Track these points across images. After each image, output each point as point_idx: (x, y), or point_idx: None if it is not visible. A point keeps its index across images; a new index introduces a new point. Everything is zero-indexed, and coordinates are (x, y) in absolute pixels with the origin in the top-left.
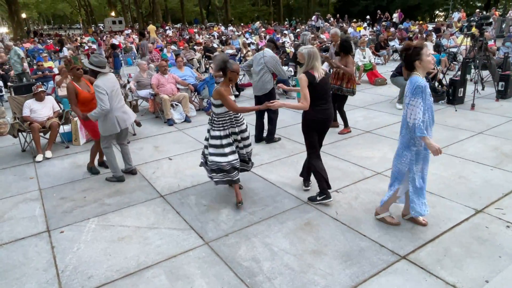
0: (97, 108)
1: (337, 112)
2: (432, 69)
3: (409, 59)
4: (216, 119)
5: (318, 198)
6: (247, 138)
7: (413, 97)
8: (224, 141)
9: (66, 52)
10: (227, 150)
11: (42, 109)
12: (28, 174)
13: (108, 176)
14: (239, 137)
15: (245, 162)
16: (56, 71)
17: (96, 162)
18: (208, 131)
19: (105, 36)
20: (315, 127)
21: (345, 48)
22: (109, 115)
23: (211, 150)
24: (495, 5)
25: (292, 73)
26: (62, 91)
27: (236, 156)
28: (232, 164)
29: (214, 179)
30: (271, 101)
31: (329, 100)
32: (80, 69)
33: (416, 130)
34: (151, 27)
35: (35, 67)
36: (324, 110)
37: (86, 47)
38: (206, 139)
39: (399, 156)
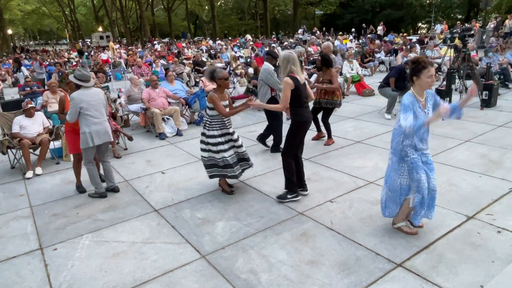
0: (68, 119)
1: (323, 123)
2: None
3: (411, 72)
4: (210, 120)
5: (288, 196)
6: (238, 139)
7: (403, 114)
8: (221, 139)
9: (25, 72)
10: (225, 146)
11: (32, 125)
12: (18, 191)
13: (91, 192)
14: (233, 137)
15: (246, 160)
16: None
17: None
18: (204, 134)
19: (92, 51)
20: (306, 127)
21: (326, 62)
22: (84, 128)
23: (210, 147)
24: (475, 17)
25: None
26: (52, 107)
27: (231, 152)
28: (227, 160)
29: (209, 174)
30: (250, 99)
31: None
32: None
33: (415, 131)
34: (112, 44)
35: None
36: (309, 110)
37: (74, 63)
38: (203, 142)
39: (396, 170)
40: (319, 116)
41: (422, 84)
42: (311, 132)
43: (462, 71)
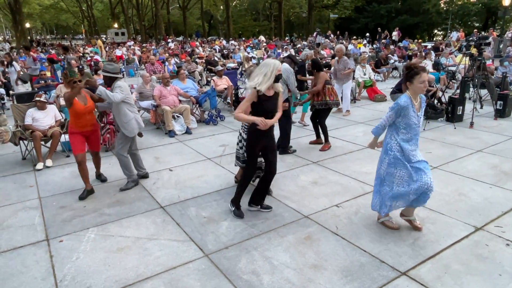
0: (110, 95)
1: (319, 126)
2: (424, 93)
3: (404, 78)
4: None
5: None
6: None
7: (388, 111)
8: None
9: (17, 67)
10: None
11: (44, 118)
12: (28, 182)
13: (123, 186)
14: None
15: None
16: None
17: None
18: (240, 134)
19: (107, 47)
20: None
21: (316, 65)
22: (129, 116)
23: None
24: (493, 25)
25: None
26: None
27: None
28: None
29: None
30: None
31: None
32: (78, 82)
33: (376, 129)
34: (100, 42)
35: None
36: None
37: (89, 58)
38: (240, 141)
39: (380, 161)
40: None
41: (415, 89)
42: (310, 136)
43: (476, 80)
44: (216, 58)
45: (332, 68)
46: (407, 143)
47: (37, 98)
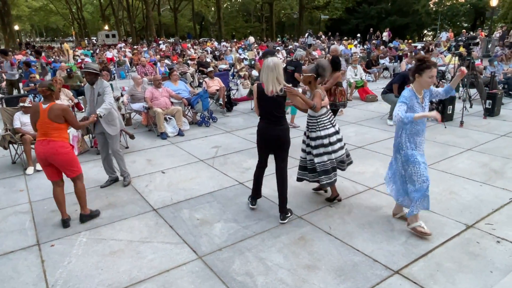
0: (106, 103)
1: None
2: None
3: (414, 69)
4: (318, 120)
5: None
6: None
7: (397, 104)
8: (333, 138)
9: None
10: (336, 146)
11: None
12: (18, 187)
13: (125, 182)
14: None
15: (342, 162)
16: None
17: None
18: (308, 136)
19: (97, 49)
20: (258, 139)
21: (335, 64)
22: (115, 113)
23: (319, 150)
24: (481, 25)
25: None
26: None
27: (343, 151)
28: (338, 159)
29: (325, 182)
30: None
31: (271, 118)
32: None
33: (403, 120)
34: (66, 46)
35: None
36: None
37: (79, 60)
38: (307, 145)
39: (395, 159)
40: None
41: (422, 83)
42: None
43: (466, 80)
44: (208, 60)
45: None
46: (417, 136)
47: (21, 104)
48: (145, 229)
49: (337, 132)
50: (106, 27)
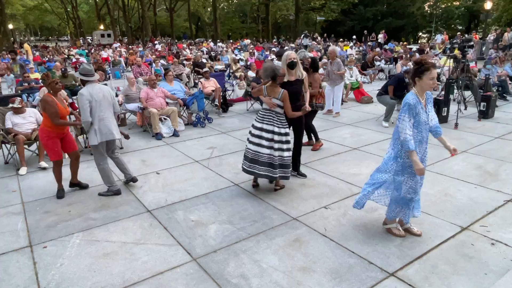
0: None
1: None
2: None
3: (413, 73)
4: (280, 117)
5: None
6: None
7: (401, 113)
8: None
9: None
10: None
11: (23, 123)
12: (11, 187)
13: (103, 191)
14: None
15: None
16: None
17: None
18: (278, 133)
19: (93, 49)
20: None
21: (315, 65)
22: (93, 126)
23: (289, 146)
24: (475, 28)
25: None
26: None
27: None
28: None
29: (289, 174)
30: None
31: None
32: (59, 83)
33: (403, 144)
34: (27, 46)
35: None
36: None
37: (74, 60)
38: (279, 141)
39: (385, 163)
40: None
41: (424, 86)
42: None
43: (460, 82)
44: (203, 60)
45: (325, 69)
46: (420, 144)
47: (10, 105)
48: (139, 230)
49: None
50: (102, 27)
